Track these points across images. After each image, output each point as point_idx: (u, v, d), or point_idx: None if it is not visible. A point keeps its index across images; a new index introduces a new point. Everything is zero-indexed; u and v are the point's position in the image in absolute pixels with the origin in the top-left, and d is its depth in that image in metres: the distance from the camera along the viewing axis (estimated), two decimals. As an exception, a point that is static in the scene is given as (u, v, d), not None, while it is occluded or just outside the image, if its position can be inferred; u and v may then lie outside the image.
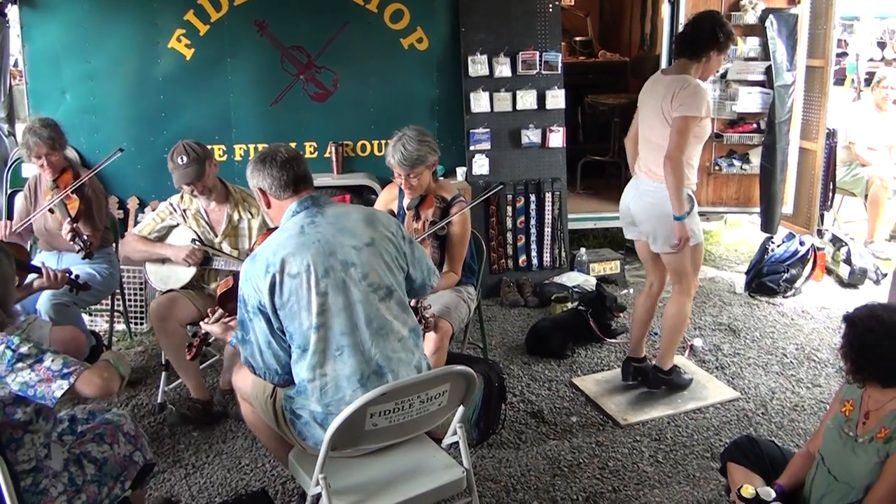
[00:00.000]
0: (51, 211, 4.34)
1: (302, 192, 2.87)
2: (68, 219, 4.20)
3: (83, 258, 4.20)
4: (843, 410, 2.82)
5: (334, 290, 2.69)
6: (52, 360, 2.53)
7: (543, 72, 6.06)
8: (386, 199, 4.29)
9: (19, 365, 2.49)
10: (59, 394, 2.50)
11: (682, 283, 4.28)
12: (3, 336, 2.53)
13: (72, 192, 4.26)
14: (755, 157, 6.45)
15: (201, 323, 3.18)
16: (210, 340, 3.36)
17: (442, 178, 4.39)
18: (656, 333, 5.25)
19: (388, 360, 2.75)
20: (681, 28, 4.25)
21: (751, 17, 6.21)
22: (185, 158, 4.01)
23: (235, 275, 3.03)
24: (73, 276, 3.96)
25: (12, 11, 5.96)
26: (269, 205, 2.95)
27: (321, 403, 2.71)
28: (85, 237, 4.17)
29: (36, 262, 4.22)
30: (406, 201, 4.07)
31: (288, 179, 2.84)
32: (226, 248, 4.25)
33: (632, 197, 4.25)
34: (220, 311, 3.14)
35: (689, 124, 3.88)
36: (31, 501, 2.62)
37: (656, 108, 4.02)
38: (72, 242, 4.18)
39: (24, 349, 2.52)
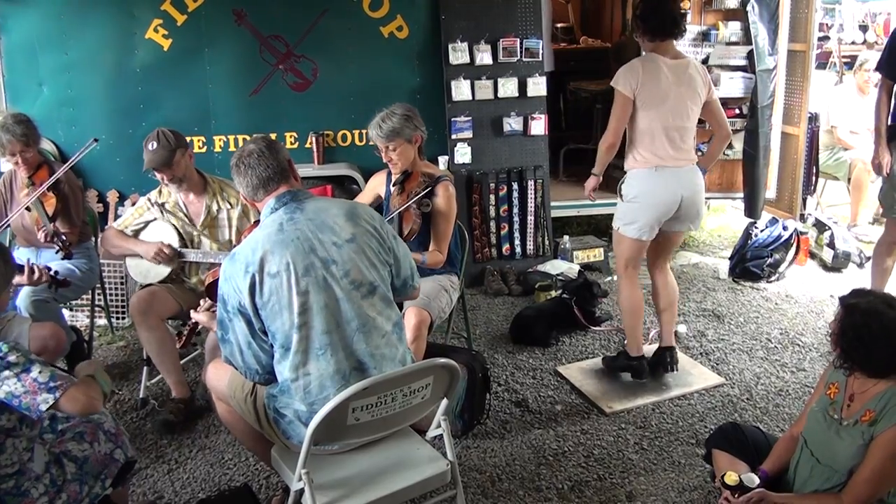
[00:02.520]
0: (27, 209, 4.28)
1: (276, 189, 2.81)
2: (46, 219, 4.14)
3: (62, 258, 4.15)
4: (828, 393, 2.82)
5: (315, 289, 2.65)
6: (40, 372, 2.49)
7: (524, 59, 6.03)
8: (374, 184, 4.31)
9: (6, 373, 2.46)
10: (44, 407, 2.47)
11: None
12: None
13: (48, 190, 4.21)
14: (738, 143, 6.46)
15: (192, 312, 3.17)
16: (199, 329, 3.37)
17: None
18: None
19: (372, 357, 2.72)
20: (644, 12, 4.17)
21: (732, 2, 6.21)
22: (154, 144, 3.99)
23: None
24: (52, 273, 3.92)
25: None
26: (252, 205, 2.94)
27: (305, 402, 2.68)
28: (63, 238, 4.12)
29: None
30: (392, 181, 4.10)
31: (256, 183, 2.80)
32: (205, 239, 4.21)
33: (680, 189, 4.13)
34: (209, 301, 3.12)
35: None
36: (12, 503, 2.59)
37: (689, 93, 4.09)
38: (50, 243, 4.13)
39: (11, 357, 2.48)
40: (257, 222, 2.97)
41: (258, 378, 2.78)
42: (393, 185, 4.07)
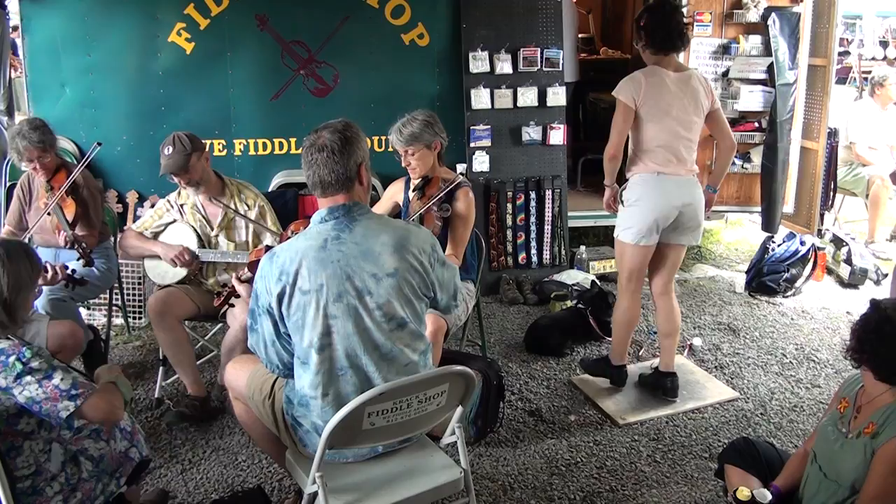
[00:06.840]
0: (48, 214, 4.31)
1: (334, 196, 2.68)
2: (66, 225, 4.17)
3: (83, 266, 4.16)
4: (839, 408, 2.81)
5: (344, 316, 2.61)
6: (62, 379, 2.51)
7: (545, 69, 6.04)
8: (392, 192, 4.33)
9: (27, 378, 2.48)
10: (64, 415, 2.50)
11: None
12: (15, 346, 2.51)
13: (68, 195, 4.24)
14: (756, 156, 6.44)
15: (232, 277, 3.26)
16: (233, 301, 3.48)
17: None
18: (656, 332, 5.25)
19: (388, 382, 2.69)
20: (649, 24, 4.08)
21: (753, 15, 6.18)
22: (170, 149, 4.03)
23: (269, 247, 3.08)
24: (70, 272, 3.94)
25: (12, 3, 5.93)
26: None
27: (322, 420, 2.65)
28: (84, 244, 4.13)
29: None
30: (411, 187, 4.12)
31: (315, 181, 2.67)
32: (222, 240, 4.25)
33: (680, 198, 4.08)
34: (250, 274, 3.14)
35: None
36: (27, 502, 2.61)
37: (692, 105, 4.05)
38: (71, 249, 4.15)
39: (34, 363, 2.50)
40: (307, 218, 2.94)
41: (279, 372, 2.81)
42: (412, 191, 4.08)
